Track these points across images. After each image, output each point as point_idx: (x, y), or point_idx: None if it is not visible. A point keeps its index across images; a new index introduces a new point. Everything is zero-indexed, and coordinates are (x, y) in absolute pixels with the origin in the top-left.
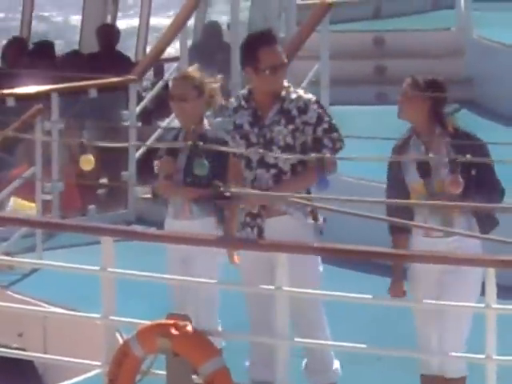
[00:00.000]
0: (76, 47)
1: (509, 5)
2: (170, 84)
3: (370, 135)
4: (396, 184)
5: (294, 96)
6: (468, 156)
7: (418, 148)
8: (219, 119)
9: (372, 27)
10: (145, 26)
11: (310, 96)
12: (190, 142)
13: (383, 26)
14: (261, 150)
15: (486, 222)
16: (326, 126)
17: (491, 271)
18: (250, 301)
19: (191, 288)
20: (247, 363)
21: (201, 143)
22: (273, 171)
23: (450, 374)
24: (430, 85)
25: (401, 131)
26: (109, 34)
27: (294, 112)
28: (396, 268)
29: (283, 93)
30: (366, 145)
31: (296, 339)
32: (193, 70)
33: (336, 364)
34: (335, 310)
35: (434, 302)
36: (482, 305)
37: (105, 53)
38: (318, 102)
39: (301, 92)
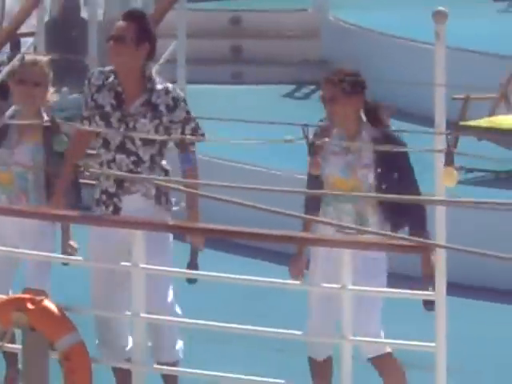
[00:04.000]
0: None
1: None
2: (19, 68)
3: (225, 115)
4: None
5: (159, 87)
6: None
7: (338, 142)
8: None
9: (229, 6)
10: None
11: (178, 93)
12: (46, 119)
13: (240, 5)
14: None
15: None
16: (193, 125)
17: (347, 252)
18: (96, 281)
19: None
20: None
21: (57, 120)
22: (132, 158)
23: (370, 354)
24: (353, 81)
25: (256, 111)
26: None
27: (162, 108)
28: (298, 250)
29: (151, 85)
30: (221, 124)
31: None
32: (43, 58)
33: (180, 343)
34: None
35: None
36: (338, 286)
37: None
38: (185, 100)
39: (169, 86)
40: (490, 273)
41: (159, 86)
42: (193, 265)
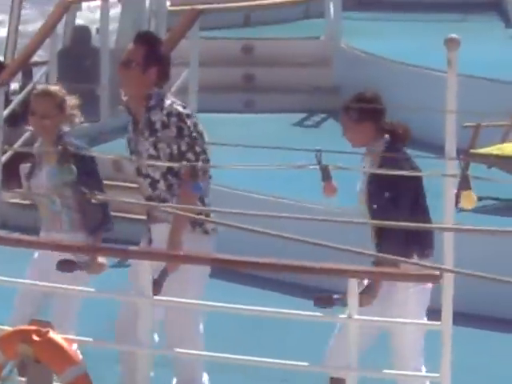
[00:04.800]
0: None
1: (377, 15)
2: (32, 98)
3: (238, 143)
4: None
5: (159, 106)
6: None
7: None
8: None
9: (241, 35)
10: (14, 30)
11: (172, 108)
12: (59, 147)
13: (253, 33)
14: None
15: None
16: (187, 140)
17: (353, 281)
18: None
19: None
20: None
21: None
22: (148, 180)
23: None
24: (359, 104)
25: (267, 140)
26: None
27: (158, 125)
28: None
29: (147, 103)
30: (233, 153)
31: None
32: (55, 87)
33: (205, 377)
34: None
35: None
36: (345, 316)
37: None
38: (178, 114)
39: (168, 102)
40: (495, 302)
41: (156, 105)
42: (157, 282)
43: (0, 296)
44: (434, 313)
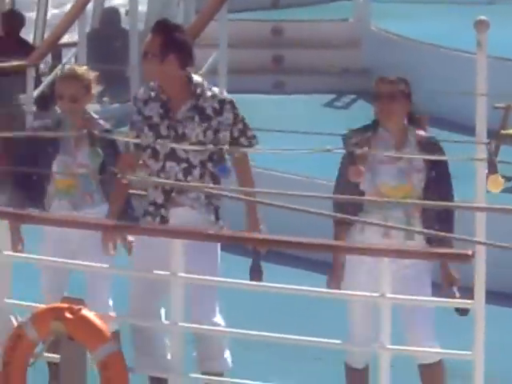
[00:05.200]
0: None
1: None
2: (57, 82)
3: (267, 124)
4: (347, 181)
5: (209, 94)
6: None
7: (386, 151)
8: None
9: (270, 17)
10: (43, 11)
11: (224, 96)
12: (84, 131)
13: (281, 15)
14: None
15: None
16: (240, 126)
17: (386, 261)
18: (136, 290)
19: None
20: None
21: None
22: (183, 165)
23: (424, 360)
24: (407, 87)
25: (297, 121)
26: (13, 19)
27: (209, 111)
28: (335, 261)
29: (198, 90)
30: (264, 134)
31: (188, 325)
32: (80, 68)
33: (227, 353)
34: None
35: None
36: (377, 294)
37: (8, 38)
38: (231, 101)
39: (216, 90)
40: None
41: (208, 93)
42: (255, 267)
43: (32, 274)
44: (465, 291)
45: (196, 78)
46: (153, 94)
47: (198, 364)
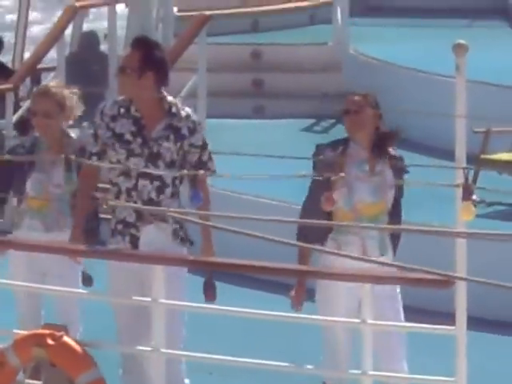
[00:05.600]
0: None
1: (384, 21)
2: (32, 98)
3: (246, 149)
4: (317, 200)
5: (183, 114)
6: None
7: (360, 167)
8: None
9: (250, 40)
10: (22, 35)
11: (196, 117)
12: (63, 156)
13: (261, 39)
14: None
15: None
16: (208, 150)
17: (367, 287)
18: (119, 312)
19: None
20: (120, 371)
21: (72, 156)
22: (156, 183)
23: None
24: (375, 101)
25: (276, 145)
26: None
27: (185, 131)
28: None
29: (173, 109)
30: (241, 158)
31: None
32: (54, 84)
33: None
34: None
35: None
36: (358, 320)
37: None
38: (200, 123)
39: (188, 111)
40: (509, 307)
41: (183, 113)
42: (209, 283)
43: (11, 300)
44: (447, 317)
45: (169, 97)
46: (122, 110)
47: None
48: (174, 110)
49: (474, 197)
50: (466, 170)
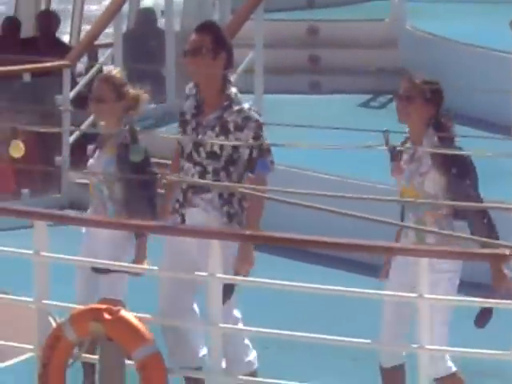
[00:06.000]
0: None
1: None
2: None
3: (304, 124)
4: None
5: (235, 108)
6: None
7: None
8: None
9: (306, 16)
10: (79, 10)
11: (251, 114)
12: (126, 127)
13: (317, 15)
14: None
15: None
16: (264, 146)
17: (424, 261)
18: (165, 289)
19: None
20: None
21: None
22: (198, 168)
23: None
24: (431, 88)
25: (333, 121)
26: (48, 20)
27: (231, 126)
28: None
29: (227, 102)
30: (297, 133)
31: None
32: (116, 72)
33: (254, 353)
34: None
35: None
36: (415, 295)
37: (43, 38)
38: (257, 121)
39: (245, 106)
40: None
41: (236, 107)
42: (226, 288)
43: (69, 274)
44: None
45: (232, 89)
46: (194, 90)
47: (227, 367)
48: (227, 102)
49: None
50: None
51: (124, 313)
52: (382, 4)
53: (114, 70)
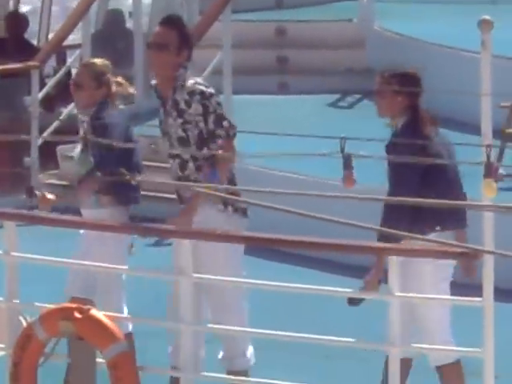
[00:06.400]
0: None
1: None
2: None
3: (271, 125)
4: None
5: (181, 85)
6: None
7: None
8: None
9: (274, 17)
10: (47, 11)
11: (194, 87)
12: (81, 135)
13: (285, 16)
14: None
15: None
16: (213, 117)
17: (393, 259)
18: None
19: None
20: (170, 348)
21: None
22: (177, 160)
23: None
24: (400, 78)
25: (301, 121)
26: (16, 21)
27: (182, 105)
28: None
29: (174, 83)
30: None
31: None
32: (98, 60)
33: (250, 350)
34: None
35: None
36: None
37: (11, 40)
38: (201, 92)
39: (190, 81)
40: None
41: (179, 84)
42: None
43: (39, 274)
44: (475, 289)
45: (179, 73)
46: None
47: (221, 363)
48: (176, 83)
49: (501, 171)
50: (488, 148)
51: (94, 312)
52: (350, 4)
53: (97, 59)
